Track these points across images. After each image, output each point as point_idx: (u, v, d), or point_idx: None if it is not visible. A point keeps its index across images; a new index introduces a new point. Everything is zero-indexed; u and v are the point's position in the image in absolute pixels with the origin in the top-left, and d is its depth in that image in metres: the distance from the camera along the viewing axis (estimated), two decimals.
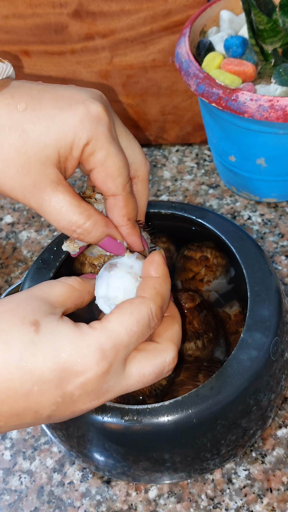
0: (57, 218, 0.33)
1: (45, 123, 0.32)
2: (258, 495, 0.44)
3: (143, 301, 0.32)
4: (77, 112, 0.32)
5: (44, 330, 0.28)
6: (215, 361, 0.46)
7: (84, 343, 0.29)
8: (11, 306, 0.29)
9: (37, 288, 0.32)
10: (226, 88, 0.51)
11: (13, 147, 0.31)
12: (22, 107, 0.32)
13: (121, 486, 0.46)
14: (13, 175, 0.32)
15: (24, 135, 0.31)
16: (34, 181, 0.32)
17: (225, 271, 0.50)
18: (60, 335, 0.28)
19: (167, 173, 0.72)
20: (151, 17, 0.60)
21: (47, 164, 0.32)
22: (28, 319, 0.28)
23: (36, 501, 0.46)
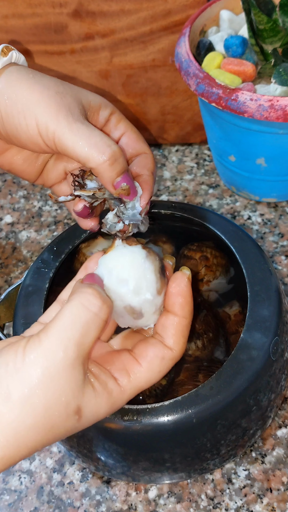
0: (90, 139, 0.34)
1: (77, 86, 0.37)
2: (258, 495, 0.44)
3: (172, 358, 0.33)
4: (97, 94, 0.38)
5: (86, 415, 0.30)
6: (215, 361, 0.46)
7: (115, 407, 0.31)
8: (52, 391, 0.28)
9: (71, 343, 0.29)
10: (226, 88, 0.51)
11: (53, 81, 0.36)
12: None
13: (121, 486, 0.46)
14: (52, 96, 0.34)
15: (62, 82, 0.36)
16: (69, 105, 0.34)
17: (225, 271, 0.50)
18: (99, 414, 0.31)
19: (167, 173, 0.72)
20: (151, 17, 0.60)
21: (79, 102, 0.35)
22: (72, 408, 0.29)
23: (36, 501, 0.46)
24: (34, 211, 0.70)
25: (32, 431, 0.28)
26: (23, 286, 0.44)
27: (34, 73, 0.36)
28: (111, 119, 0.38)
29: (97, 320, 0.29)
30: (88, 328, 0.29)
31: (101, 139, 0.34)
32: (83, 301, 0.29)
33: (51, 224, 0.68)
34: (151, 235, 0.52)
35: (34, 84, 0.35)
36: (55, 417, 0.29)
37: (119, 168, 0.35)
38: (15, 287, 0.47)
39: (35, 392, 0.28)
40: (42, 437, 0.29)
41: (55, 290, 0.44)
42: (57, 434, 0.29)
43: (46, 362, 0.28)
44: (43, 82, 0.35)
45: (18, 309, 0.43)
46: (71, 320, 0.29)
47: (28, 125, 0.34)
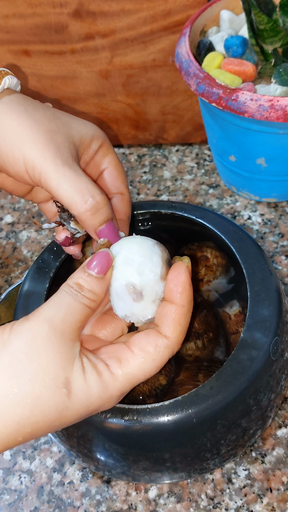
0: (75, 186, 0.33)
1: (70, 116, 0.37)
2: (258, 495, 0.44)
3: (168, 346, 0.32)
4: (91, 123, 0.38)
5: (76, 392, 0.30)
6: (215, 361, 0.46)
7: (108, 395, 0.31)
8: (38, 362, 0.29)
9: (57, 320, 0.30)
10: (226, 88, 0.51)
11: (45, 116, 0.35)
12: (49, 105, 0.37)
13: (121, 486, 0.46)
14: (42, 134, 0.34)
15: (55, 115, 0.36)
16: (59, 146, 0.34)
17: (225, 271, 0.50)
18: (90, 394, 0.30)
19: (167, 173, 0.72)
20: (151, 17, 0.60)
21: (70, 141, 0.35)
22: (60, 380, 0.29)
23: (36, 501, 0.46)
24: (35, 211, 0.70)
25: (18, 403, 0.28)
26: (23, 286, 0.45)
27: (27, 105, 0.35)
28: (99, 151, 0.38)
29: (80, 306, 0.31)
30: (72, 308, 0.31)
31: (86, 187, 0.33)
32: (68, 288, 0.31)
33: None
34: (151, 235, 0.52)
35: (25, 119, 0.34)
36: (42, 388, 0.29)
37: (102, 218, 0.35)
38: (15, 287, 0.48)
39: (19, 360, 0.29)
40: (30, 410, 0.28)
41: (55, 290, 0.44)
42: (46, 410, 0.29)
43: (31, 333, 0.29)
44: (35, 117, 0.34)
45: (18, 309, 0.43)
46: (56, 301, 0.31)
47: (16, 162, 0.34)
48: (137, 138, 0.75)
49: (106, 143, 0.38)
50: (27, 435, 0.29)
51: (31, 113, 0.35)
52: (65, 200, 0.34)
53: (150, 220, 0.50)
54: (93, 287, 0.32)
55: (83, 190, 0.33)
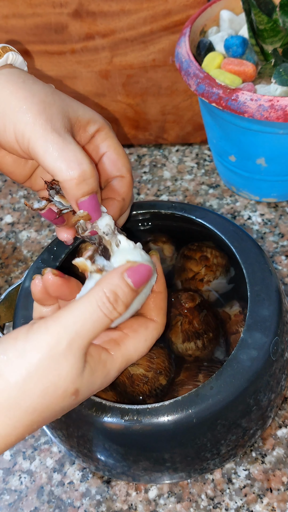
0: (62, 151, 0.32)
1: (71, 98, 0.36)
2: (258, 495, 0.44)
3: (156, 328, 0.35)
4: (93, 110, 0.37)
5: (83, 393, 0.31)
6: (215, 361, 0.46)
7: (109, 377, 0.33)
8: (52, 379, 0.29)
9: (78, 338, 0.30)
10: (226, 88, 0.51)
11: (44, 90, 0.34)
12: (52, 86, 0.36)
13: (121, 486, 0.46)
14: (36, 104, 0.33)
15: (54, 92, 0.35)
16: (51, 116, 0.33)
17: (225, 271, 0.50)
18: (94, 387, 0.32)
19: (167, 173, 0.72)
20: (151, 17, 0.60)
21: (65, 115, 0.34)
22: (70, 391, 0.30)
23: (36, 501, 0.46)
24: (35, 211, 0.70)
25: (29, 412, 0.29)
26: (23, 286, 0.44)
27: (26, 77, 0.35)
28: (96, 136, 0.37)
29: (105, 321, 0.31)
30: (97, 325, 0.30)
31: (74, 154, 0.32)
32: (102, 301, 0.30)
33: (51, 224, 0.68)
34: (151, 235, 0.52)
35: (20, 89, 0.33)
36: (52, 399, 0.30)
37: (87, 188, 0.33)
38: (15, 287, 0.47)
39: (32, 376, 0.29)
40: (38, 416, 0.30)
41: None
42: (53, 413, 0.31)
43: (49, 349, 0.29)
44: (32, 88, 0.34)
45: (18, 309, 0.43)
46: (83, 314, 0.30)
47: (6, 130, 0.33)
48: (137, 138, 0.75)
49: (106, 128, 0.37)
50: (33, 431, 0.31)
51: (29, 84, 0.34)
52: (50, 167, 0.32)
53: (150, 220, 0.50)
54: (128, 300, 0.31)
55: (70, 157, 0.32)
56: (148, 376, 0.43)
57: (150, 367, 0.43)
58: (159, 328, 0.35)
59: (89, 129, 0.36)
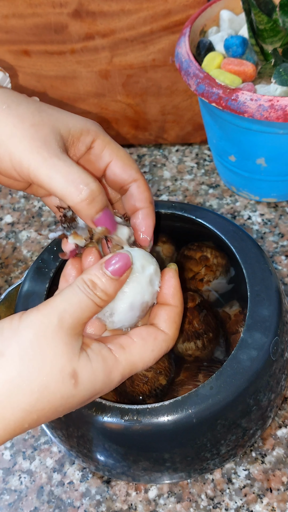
0: (67, 175, 0.32)
1: (58, 110, 0.35)
2: (258, 495, 0.44)
3: (166, 340, 0.34)
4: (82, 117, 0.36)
5: (82, 381, 0.31)
6: (215, 361, 0.46)
7: (111, 379, 0.32)
8: (47, 354, 0.30)
9: (67, 315, 0.31)
10: (226, 88, 0.51)
11: (29, 110, 0.34)
12: (36, 99, 0.36)
13: (121, 486, 0.46)
14: (26, 129, 0.33)
15: (40, 108, 0.34)
16: (44, 138, 0.33)
17: (225, 271, 0.50)
18: (95, 381, 0.31)
19: (167, 173, 0.72)
20: (151, 17, 0.60)
21: (56, 133, 0.34)
22: (67, 371, 0.30)
23: (36, 501, 0.46)
24: (34, 211, 0.70)
25: (26, 391, 0.29)
26: (23, 286, 0.44)
27: (10, 101, 0.34)
28: (95, 146, 0.36)
29: (90, 303, 0.32)
30: (82, 305, 0.31)
31: (78, 176, 0.32)
32: (82, 284, 0.32)
33: (51, 224, 0.68)
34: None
35: (7, 116, 0.33)
36: (49, 378, 0.29)
37: (98, 206, 0.34)
38: (15, 287, 0.47)
39: (28, 352, 0.29)
40: (37, 398, 0.29)
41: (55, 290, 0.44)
42: (52, 398, 0.30)
43: (42, 325, 0.30)
44: (18, 113, 0.33)
45: (18, 309, 0.43)
46: (68, 296, 0.31)
47: (2, 160, 0.33)
48: (137, 138, 0.75)
49: (101, 135, 0.36)
50: (32, 422, 0.30)
51: (14, 109, 0.33)
52: (58, 192, 0.33)
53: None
54: (107, 287, 0.32)
55: (76, 180, 0.32)
56: (148, 376, 0.43)
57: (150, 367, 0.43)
58: (169, 341, 0.34)
59: (83, 140, 0.36)
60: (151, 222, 0.38)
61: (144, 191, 0.38)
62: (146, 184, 0.38)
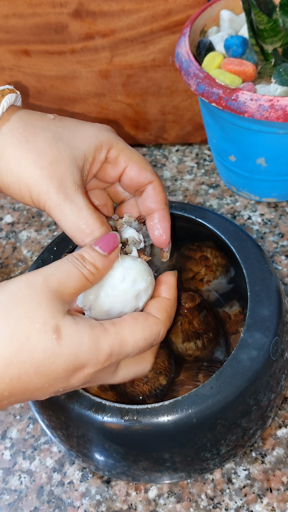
0: (76, 222, 0.35)
1: (72, 129, 0.37)
2: (258, 495, 0.44)
3: (156, 323, 0.35)
4: (94, 126, 0.38)
5: (65, 338, 0.30)
6: (215, 361, 0.46)
7: (98, 348, 0.31)
8: (31, 306, 0.30)
9: (53, 277, 0.31)
10: (226, 88, 0.51)
11: (47, 142, 0.35)
12: (51, 117, 0.37)
13: (121, 486, 0.46)
14: (45, 167, 0.34)
15: (56, 135, 0.36)
16: (62, 177, 0.35)
17: (225, 271, 0.50)
18: (80, 342, 0.31)
19: (167, 173, 0.72)
20: (151, 17, 0.60)
21: (73, 165, 0.35)
22: (50, 326, 0.30)
23: (36, 501, 0.46)
24: (34, 211, 0.70)
25: (6, 337, 0.29)
26: None
27: (28, 131, 0.35)
28: (110, 156, 0.38)
29: (77, 273, 0.32)
30: (69, 273, 0.32)
31: (85, 222, 0.35)
32: (70, 257, 0.33)
33: (51, 224, 0.68)
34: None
35: (26, 153, 0.35)
36: (31, 329, 0.29)
37: None
38: None
39: (10, 302, 0.30)
40: (18, 347, 0.29)
41: None
42: (34, 351, 0.29)
43: (26, 281, 0.31)
44: (36, 148, 0.35)
45: None
46: (56, 264, 0.32)
47: (23, 195, 0.35)
48: (137, 138, 0.75)
49: (113, 143, 0.38)
50: (14, 378, 0.29)
51: (32, 142, 0.35)
52: (67, 233, 0.35)
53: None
54: (95, 261, 0.33)
55: (81, 227, 0.35)
56: (148, 376, 0.43)
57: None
58: (160, 325, 0.35)
59: (98, 157, 0.37)
60: (167, 224, 0.39)
61: (160, 192, 0.39)
62: (162, 186, 0.39)
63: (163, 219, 0.39)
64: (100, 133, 0.37)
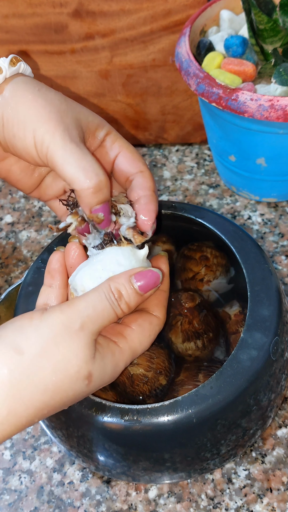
0: (80, 161, 0.34)
1: (78, 104, 0.38)
2: (258, 495, 0.44)
3: (159, 324, 0.37)
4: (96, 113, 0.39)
5: (95, 380, 0.32)
6: (215, 361, 0.46)
7: (117, 370, 0.34)
8: (66, 354, 0.31)
9: (90, 322, 0.32)
10: (226, 87, 0.51)
11: (57, 97, 0.36)
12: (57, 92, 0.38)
13: (121, 486, 0.46)
14: (54, 113, 0.35)
15: (65, 99, 0.37)
16: (68, 125, 0.35)
17: (225, 271, 0.50)
18: (104, 376, 0.33)
19: (167, 173, 0.72)
20: (151, 17, 0.60)
21: (78, 123, 0.36)
22: (83, 373, 0.32)
23: (36, 501, 0.46)
24: (34, 211, 0.70)
25: (40, 389, 0.30)
26: (23, 286, 0.44)
27: (40, 86, 0.37)
28: (107, 139, 0.39)
29: (112, 312, 0.33)
30: (105, 313, 0.33)
31: (91, 165, 0.34)
32: (108, 293, 0.33)
33: (51, 224, 0.68)
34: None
35: (38, 97, 0.35)
36: (65, 378, 0.31)
37: (101, 197, 0.35)
38: (15, 287, 0.47)
39: (46, 351, 0.30)
40: (51, 396, 0.30)
41: None
42: (64, 396, 0.31)
43: (63, 327, 0.31)
44: (48, 97, 0.36)
45: (18, 309, 0.43)
46: (93, 302, 0.32)
47: (26, 136, 0.35)
48: (137, 138, 0.75)
49: (113, 131, 0.39)
50: (42, 417, 0.31)
51: (44, 93, 0.36)
52: (68, 176, 0.34)
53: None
54: (131, 300, 0.34)
55: (88, 168, 0.34)
56: (148, 376, 0.43)
57: (150, 367, 0.43)
58: (161, 324, 0.37)
59: (98, 134, 0.38)
60: (153, 206, 0.39)
61: (149, 180, 0.39)
62: (151, 175, 0.39)
63: (150, 202, 0.39)
64: (102, 119, 0.39)
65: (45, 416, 0.31)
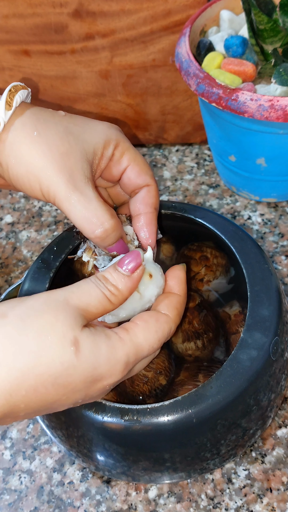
0: (86, 212, 0.35)
1: (82, 125, 0.37)
2: (258, 495, 0.44)
3: (167, 321, 0.35)
4: (103, 124, 0.39)
5: (84, 350, 0.30)
6: (215, 361, 0.46)
7: (116, 358, 0.32)
8: (49, 319, 0.30)
9: (74, 295, 0.32)
10: (226, 88, 0.51)
11: (58, 136, 0.36)
12: (62, 114, 0.38)
13: (121, 486, 0.46)
14: (55, 159, 0.35)
15: (67, 130, 0.36)
16: (72, 169, 0.35)
17: (225, 271, 0.50)
18: (98, 354, 0.31)
19: (167, 173, 0.72)
20: (151, 17, 0.60)
21: (84, 158, 0.36)
22: (69, 338, 0.30)
23: (36, 501, 0.46)
24: (35, 211, 0.70)
25: (24, 350, 0.29)
26: (23, 286, 0.44)
27: (39, 125, 0.36)
28: (115, 153, 0.38)
29: (99, 294, 0.32)
30: (90, 292, 0.32)
31: (95, 214, 0.35)
32: (93, 278, 0.33)
33: (51, 224, 0.68)
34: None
35: (38, 145, 0.35)
36: (49, 341, 0.29)
37: (110, 241, 0.36)
38: (15, 287, 0.47)
39: (30, 315, 0.30)
40: (35, 360, 0.29)
41: None
42: (51, 363, 0.29)
43: (47, 297, 0.31)
44: (48, 140, 0.35)
45: None
46: (78, 284, 0.32)
47: (32, 187, 0.36)
48: (137, 138, 0.75)
49: (120, 141, 0.38)
50: (30, 389, 0.29)
51: (44, 135, 0.36)
52: (77, 225, 0.36)
53: None
54: (117, 282, 0.33)
55: (92, 218, 0.35)
56: (148, 376, 0.43)
57: (150, 367, 0.43)
58: (171, 323, 0.35)
59: (106, 153, 0.38)
60: (154, 228, 0.40)
61: (153, 196, 0.40)
62: (157, 191, 0.40)
63: (150, 223, 0.40)
64: (109, 130, 0.38)
65: (35, 392, 0.29)
